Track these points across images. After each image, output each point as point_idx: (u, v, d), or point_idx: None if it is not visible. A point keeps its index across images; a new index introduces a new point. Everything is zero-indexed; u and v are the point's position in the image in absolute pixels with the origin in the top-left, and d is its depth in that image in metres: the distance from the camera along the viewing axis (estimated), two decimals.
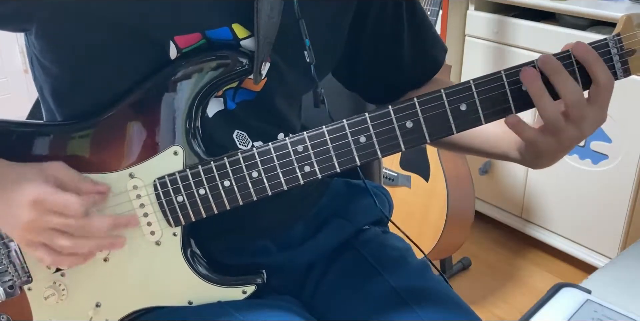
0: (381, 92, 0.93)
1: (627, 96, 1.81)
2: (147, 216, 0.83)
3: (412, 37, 0.95)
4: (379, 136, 0.77)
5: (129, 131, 0.82)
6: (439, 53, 1.01)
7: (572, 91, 0.73)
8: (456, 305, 0.91)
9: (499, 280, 2.19)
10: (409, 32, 0.95)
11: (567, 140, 0.76)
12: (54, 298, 0.86)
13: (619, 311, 1.08)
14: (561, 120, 0.74)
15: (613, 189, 1.93)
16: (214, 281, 0.86)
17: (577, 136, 0.76)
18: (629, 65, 0.75)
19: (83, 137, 0.83)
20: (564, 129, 0.74)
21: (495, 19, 2.09)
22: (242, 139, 0.87)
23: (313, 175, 0.79)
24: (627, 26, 0.73)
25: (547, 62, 0.73)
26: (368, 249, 0.99)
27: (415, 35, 0.96)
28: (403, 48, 0.95)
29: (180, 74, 0.80)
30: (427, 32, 0.98)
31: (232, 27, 0.81)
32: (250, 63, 0.80)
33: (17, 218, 0.76)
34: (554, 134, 0.75)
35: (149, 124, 0.81)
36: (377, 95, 0.98)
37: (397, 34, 0.94)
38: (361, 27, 0.92)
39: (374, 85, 1.00)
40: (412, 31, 0.95)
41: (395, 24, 0.94)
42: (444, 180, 1.91)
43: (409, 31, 0.95)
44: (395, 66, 0.97)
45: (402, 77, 0.97)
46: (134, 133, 0.82)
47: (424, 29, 0.97)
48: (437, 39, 1.00)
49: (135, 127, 0.82)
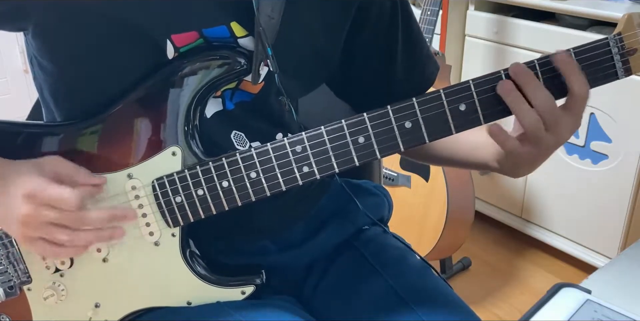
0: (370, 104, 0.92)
1: (627, 96, 1.81)
2: (146, 216, 0.83)
3: (405, 52, 0.95)
4: (377, 136, 0.76)
5: (127, 132, 0.82)
6: (431, 70, 1.01)
7: (543, 100, 0.73)
8: (456, 305, 0.92)
9: (499, 280, 2.19)
10: (402, 47, 0.95)
11: (546, 148, 0.77)
12: (53, 298, 0.86)
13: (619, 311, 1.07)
14: (541, 128, 0.74)
15: (613, 189, 1.93)
16: (212, 281, 0.86)
17: (555, 143, 0.77)
18: (630, 64, 0.74)
19: (81, 138, 0.83)
20: (543, 137, 0.75)
21: (495, 19, 2.09)
22: (240, 139, 0.87)
23: (312, 175, 0.78)
24: (629, 25, 0.73)
25: (518, 73, 0.73)
26: (368, 249, 0.99)
27: (408, 50, 0.96)
28: (396, 62, 0.95)
29: (179, 74, 0.80)
30: (422, 49, 0.98)
31: (230, 26, 0.80)
32: (249, 63, 0.80)
33: (13, 213, 0.76)
34: (534, 143, 0.76)
35: (147, 124, 0.81)
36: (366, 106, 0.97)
37: (391, 48, 0.94)
38: (357, 36, 0.92)
39: (363, 96, 1.00)
40: (406, 46, 0.95)
41: (390, 37, 0.94)
42: (444, 180, 1.91)
43: (402, 46, 0.95)
44: (386, 80, 0.97)
45: (391, 91, 0.96)
46: (132, 134, 0.82)
47: (418, 45, 0.98)
48: (430, 56, 1.01)
49: (133, 128, 0.82)
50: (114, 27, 0.77)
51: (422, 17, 1.90)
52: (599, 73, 0.74)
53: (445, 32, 2.18)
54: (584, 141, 1.96)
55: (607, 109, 1.87)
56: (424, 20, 1.90)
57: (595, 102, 1.88)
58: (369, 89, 0.98)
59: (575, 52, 0.73)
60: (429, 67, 1.00)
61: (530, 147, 0.76)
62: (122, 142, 0.82)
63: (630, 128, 1.84)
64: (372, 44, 0.93)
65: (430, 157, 1.00)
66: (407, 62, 0.96)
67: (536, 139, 0.75)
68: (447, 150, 0.96)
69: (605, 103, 1.86)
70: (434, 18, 1.89)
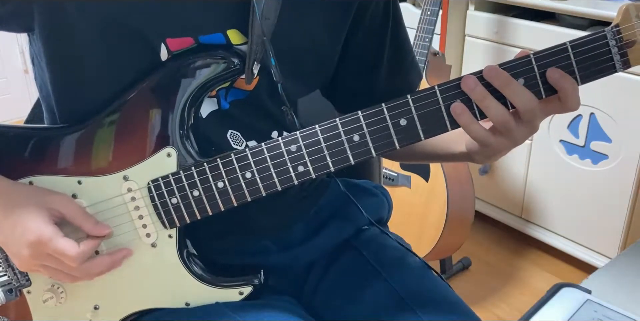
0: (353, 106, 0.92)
1: (627, 96, 1.80)
2: (142, 218, 0.82)
3: (391, 57, 0.95)
4: (372, 134, 0.76)
5: (122, 133, 0.82)
6: (414, 78, 1.01)
7: (525, 100, 0.72)
8: (456, 305, 0.91)
9: (499, 280, 2.18)
10: (389, 51, 0.95)
11: (520, 137, 0.76)
12: (52, 301, 0.86)
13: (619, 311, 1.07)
14: (511, 120, 0.74)
15: (613, 189, 1.93)
16: (210, 282, 0.86)
17: (529, 133, 0.76)
18: (628, 57, 0.72)
19: (76, 141, 0.83)
20: (514, 129, 0.74)
21: (495, 19, 2.09)
22: (236, 138, 0.87)
23: (307, 175, 0.78)
24: (626, 17, 0.71)
25: (494, 77, 0.72)
26: (368, 249, 0.98)
27: (395, 55, 0.96)
28: (381, 66, 0.95)
29: (172, 75, 0.80)
30: (407, 55, 0.99)
31: (226, 34, 0.81)
32: (242, 63, 0.79)
33: (18, 249, 0.78)
34: (505, 134, 0.75)
35: (141, 125, 0.81)
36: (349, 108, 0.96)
37: (378, 52, 0.95)
38: (352, 37, 0.92)
39: (347, 98, 0.99)
40: (392, 51, 0.95)
41: (379, 41, 0.94)
42: (444, 180, 1.90)
43: (389, 51, 0.95)
44: (369, 83, 0.97)
45: (374, 95, 0.95)
46: (127, 135, 0.82)
47: (404, 51, 0.98)
48: (414, 64, 1.01)
49: (128, 129, 0.82)
50: (111, 28, 0.77)
51: (422, 17, 1.90)
52: (597, 66, 0.73)
53: (445, 32, 2.17)
54: (584, 141, 1.96)
55: (607, 109, 1.87)
56: (424, 20, 1.90)
57: (595, 102, 1.88)
58: (351, 90, 0.98)
59: (571, 45, 0.72)
60: (411, 75, 1.01)
61: (501, 138, 0.76)
62: (118, 144, 0.82)
63: (630, 128, 1.84)
64: (362, 45, 0.93)
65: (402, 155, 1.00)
66: (391, 67, 0.96)
67: (506, 130, 0.74)
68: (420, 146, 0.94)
69: (605, 103, 1.86)
70: (434, 18, 1.89)
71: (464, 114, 0.74)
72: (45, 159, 0.84)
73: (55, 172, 0.83)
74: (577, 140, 1.97)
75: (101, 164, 0.82)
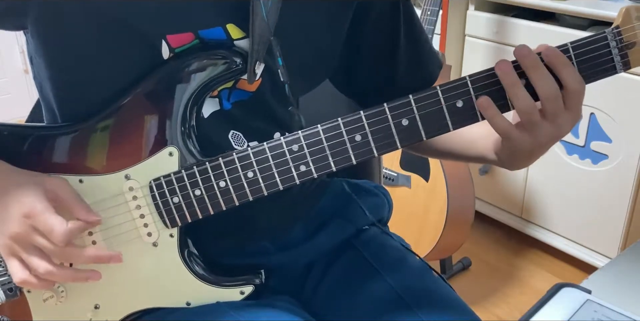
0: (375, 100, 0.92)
1: (627, 96, 1.81)
2: (144, 217, 0.82)
3: (407, 47, 0.95)
4: (374, 134, 0.76)
5: (124, 132, 0.82)
6: (434, 68, 1.00)
7: (548, 87, 0.72)
8: (456, 305, 0.91)
9: (499, 280, 2.19)
10: (405, 44, 0.94)
11: (543, 137, 0.75)
12: (53, 300, 0.86)
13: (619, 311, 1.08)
14: (536, 113, 0.73)
15: (613, 189, 1.93)
16: (211, 281, 0.86)
17: (553, 133, 0.75)
18: (629, 58, 0.73)
19: (78, 140, 0.83)
20: (538, 123, 0.74)
21: (495, 19, 2.09)
22: (238, 139, 0.87)
23: (309, 174, 0.78)
24: (627, 18, 0.72)
25: (526, 56, 0.72)
26: (368, 249, 0.98)
27: (411, 48, 0.95)
28: (398, 57, 0.95)
29: (174, 74, 0.80)
30: (424, 46, 0.98)
31: (226, 28, 0.80)
32: (244, 63, 0.79)
33: (6, 226, 0.77)
34: (529, 129, 0.74)
35: (143, 125, 0.81)
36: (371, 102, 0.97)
37: (393, 43, 0.94)
38: (359, 31, 0.92)
39: (368, 94, 1.00)
40: (408, 44, 0.95)
41: (392, 32, 0.93)
42: (444, 180, 1.91)
43: (405, 44, 0.94)
44: (388, 76, 0.97)
45: (395, 89, 0.96)
46: (128, 134, 0.82)
47: (420, 43, 0.97)
48: (433, 53, 1.00)
49: (129, 129, 0.82)
50: (109, 26, 0.77)
51: (422, 17, 1.90)
52: (598, 67, 0.73)
53: (445, 32, 2.17)
54: (584, 141, 1.96)
55: (607, 109, 1.87)
56: (424, 20, 1.90)
57: (595, 102, 1.88)
58: (372, 85, 0.98)
59: (572, 46, 0.73)
60: (431, 63, 1.00)
61: (527, 135, 0.75)
62: (119, 143, 0.82)
63: (630, 128, 1.84)
64: (374, 39, 0.93)
65: (427, 150, 1.00)
66: (409, 58, 0.96)
67: (530, 124, 0.74)
68: (446, 144, 0.95)
69: (605, 103, 1.86)
70: (434, 18, 1.89)
71: (490, 107, 0.73)
72: (46, 158, 0.83)
73: (56, 170, 0.83)
74: (577, 140, 1.97)
75: (102, 163, 0.82)
